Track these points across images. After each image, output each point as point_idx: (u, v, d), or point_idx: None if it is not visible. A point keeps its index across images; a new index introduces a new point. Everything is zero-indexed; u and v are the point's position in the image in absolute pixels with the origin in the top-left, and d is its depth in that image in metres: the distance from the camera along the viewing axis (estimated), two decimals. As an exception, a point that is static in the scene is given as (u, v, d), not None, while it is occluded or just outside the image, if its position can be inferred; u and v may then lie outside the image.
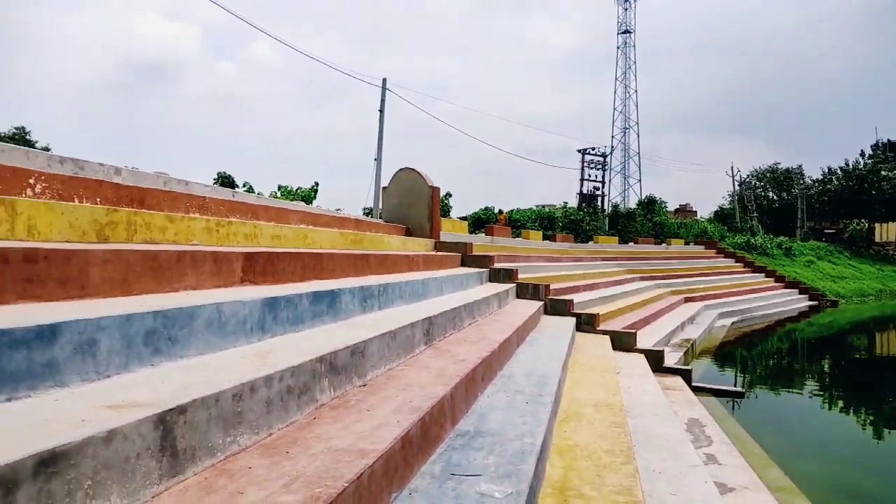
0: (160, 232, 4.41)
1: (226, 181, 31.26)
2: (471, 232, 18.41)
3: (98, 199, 4.64)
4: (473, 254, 10.94)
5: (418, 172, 11.69)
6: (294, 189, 31.15)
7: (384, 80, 26.94)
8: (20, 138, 35.04)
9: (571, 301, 10.40)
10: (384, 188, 12.21)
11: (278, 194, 30.25)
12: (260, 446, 2.46)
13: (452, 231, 14.23)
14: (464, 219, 37.29)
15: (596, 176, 55.01)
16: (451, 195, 41.24)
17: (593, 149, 55.82)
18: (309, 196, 30.50)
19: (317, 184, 31.85)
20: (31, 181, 4.09)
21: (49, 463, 1.52)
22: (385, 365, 3.93)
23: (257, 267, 4.32)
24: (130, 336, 2.54)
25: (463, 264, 10.64)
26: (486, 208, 46.55)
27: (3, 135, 33.84)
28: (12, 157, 4.48)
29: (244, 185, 30.76)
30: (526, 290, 10.32)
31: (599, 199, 54.44)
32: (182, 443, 2.09)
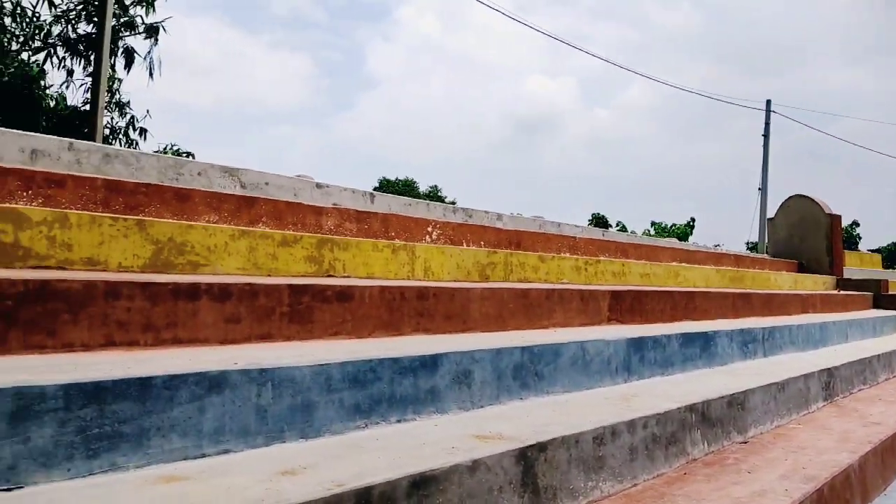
0: (533, 271, 4.66)
1: (599, 221, 32.20)
2: (886, 267, 15.30)
3: (482, 243, 5.15)
4: (890, 293, 9.01)
5: (812, 199, 10.23)
6: (668, 225, 30.39)
7: (768, 102, 24.63)
8: (434, 195, 41.79)
9: None
10: (770, 219, 10.99)
11: (651, 231, 29.87)
12: (623, 496, 2.32)
13: (860, 266, 12.00)
14: (876, 251, 31.34)
15: None
16: (857, 224, 35.24)
17: None
18: (684, 233, 29.39)
19: (692, 219, 30.54)
20: (430, 229, 4.75)
21: (420, 485, 1.65)
22: (771, 421, 3.41)
23: (623, 305, 4.22)
24: (501, 369, 2.68)
25: (876, 305, 8.84)
26: (909, 237, 38.33)
27: (421, 193, 40.86)
28: (417, 210, 5.30)
29: (617, 225, 31.21)
30: (973, 340, 8.04)
31: None
32: (543, 481, 2.08)
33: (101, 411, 1.56)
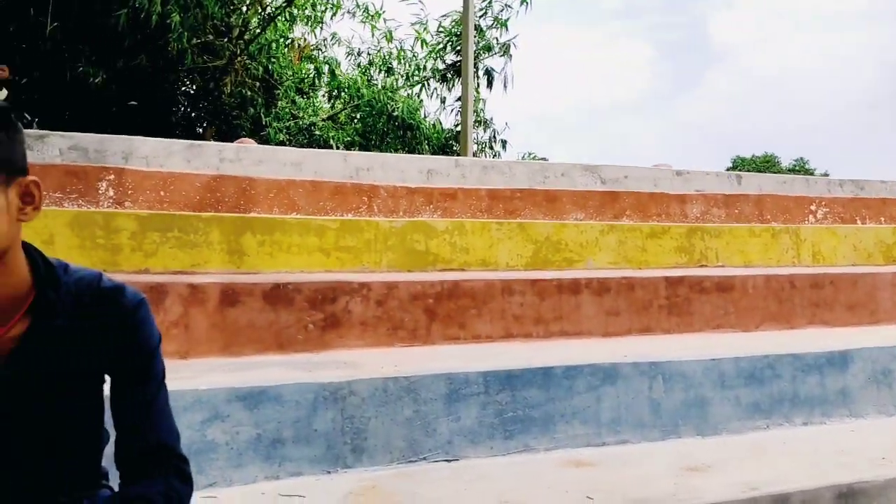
0: (962, 248, 3.76)
1: None
2: None
3: (882, 219, 4.36)
4: None
5: None
6: None
7: None
8: (800, 169, 36.92)
9: None
10: None
11: None
12: None
13: None
14: None
15: None
16: None
17: None
18: None
19: None
20: (812, 207, 4.20)
21: (848, 498, 1.46)
22: None
23: None
24: (933, 370, 2.22)
25: None
26: None
27: (784, 168, 36.46)
28: (794, 187, 4.73)
29: None
30: None
31: None
32: None
33: (513, 396, 1.75)
